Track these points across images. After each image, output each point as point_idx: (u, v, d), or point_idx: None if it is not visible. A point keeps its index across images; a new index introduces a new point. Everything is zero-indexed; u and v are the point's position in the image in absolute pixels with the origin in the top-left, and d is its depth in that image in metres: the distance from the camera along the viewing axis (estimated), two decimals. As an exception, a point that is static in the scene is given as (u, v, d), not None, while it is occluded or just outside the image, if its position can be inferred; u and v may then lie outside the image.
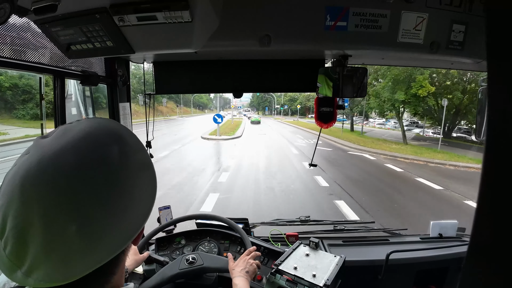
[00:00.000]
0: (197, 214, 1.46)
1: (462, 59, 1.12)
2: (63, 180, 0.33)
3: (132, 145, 0.41)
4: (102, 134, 0.39)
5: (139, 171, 0.39)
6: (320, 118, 1.37)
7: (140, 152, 0.42)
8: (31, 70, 1.00)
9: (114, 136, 0.39)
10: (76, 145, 0.36)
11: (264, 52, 1.23)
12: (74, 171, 0.34)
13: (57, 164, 0.33)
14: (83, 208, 0.33)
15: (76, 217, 0.32)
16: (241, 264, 0.98)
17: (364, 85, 1.19)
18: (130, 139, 0.42)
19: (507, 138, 0.22)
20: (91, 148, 0.36)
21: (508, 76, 0.22)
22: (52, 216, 0.32)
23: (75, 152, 0.35)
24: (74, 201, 0.33)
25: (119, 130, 0.42)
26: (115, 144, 0.38)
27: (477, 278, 0.26)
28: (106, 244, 0.34)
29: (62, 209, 0.32)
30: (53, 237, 0.32)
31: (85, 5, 0.82)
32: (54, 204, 0.32)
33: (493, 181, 0.24)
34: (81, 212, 0.33)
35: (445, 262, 1.40)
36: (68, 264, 0.32)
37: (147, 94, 1.47)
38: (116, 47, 0.95)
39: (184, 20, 0.82)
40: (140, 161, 0.41)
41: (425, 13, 0.97)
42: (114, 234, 0.34)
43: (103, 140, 0.38)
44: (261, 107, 77.06)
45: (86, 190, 0.33)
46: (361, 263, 1.37)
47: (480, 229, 0.25)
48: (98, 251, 0.33)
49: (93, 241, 0.33)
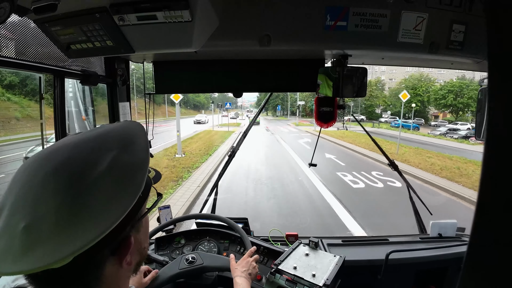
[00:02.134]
0: (197, 214, 1.46)
1: (462, 59, 1.12)
2: (41, 173, 0.34)
3: (133, 156, 0.40)
4: (115, 135, 0.41)
5: (118, 188, 0.37)
6: (320, 118, 1.38)
7: (135, 165, 0.40)
8: (31, 69, 1.00)
9: (122, 141, 0.41)
10: (81, 143, 0.38)
11: (264, 52, 1.22)
12: (51, 169, 0.35)
13: (48, 158, 0.36)
14: (37, 208, 0.32)
15: (29, 214, 0.32)
16: (244, 265, 0.98)
17: (364, 85, 1.19)
18: (138, 148, 0.42)
19: (507, 138, 0.22)
20: (89, 148, 0.38)
21: (508, 75, 0.22)
22: (16, 206, 0.33)
23: (71, 148, 0.37)
24: (35, 199, 0.33)
25: (134, 135, 0.43)
26: (116, 149, 0.39)
27: (477, 278, 0.26)
28: (42, 251, 0.31)
29: (24, 203, 0.33)
30: (5, 228, 0.32)
31: (85, 5, 0.82)
32: (22, 195, 0.33)
33: (493, 181, 0.24)
34: (34, 212, 0.32)
35: (444, 262, 1.40)
36: (3, 258, 0.31)
37: (147, 94, 1.47)
38: (116, 47, 0.94)
39: (184, 20, 0.82)
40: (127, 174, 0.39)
41: (425, 13, 0.97)
42: (52, 244, 0.32)
43: (109, 143, 0.39)
44: (271, 106, 57.13)
45: (47, 192, 0.33)
46: (361, 263, 1.37)
47: (480, 229, 0.25)
48: (32, 256, 0.31)
49: (31, 244, 0.31)
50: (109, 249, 0.39)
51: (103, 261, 0.39)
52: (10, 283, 0.48)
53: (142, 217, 0.46)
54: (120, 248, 0.40)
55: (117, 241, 0.40)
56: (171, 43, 0.94)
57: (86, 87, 1.42)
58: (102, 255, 0.38)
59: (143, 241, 0.48)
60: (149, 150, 0.44)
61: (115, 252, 0.40)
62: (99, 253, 0.37)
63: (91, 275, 0.38)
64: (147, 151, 0.43)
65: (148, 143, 0.45)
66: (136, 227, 0.44)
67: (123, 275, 0.45)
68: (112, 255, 0.40)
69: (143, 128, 0.47)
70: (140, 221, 0.46)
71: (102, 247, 0.37)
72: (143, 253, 0.49)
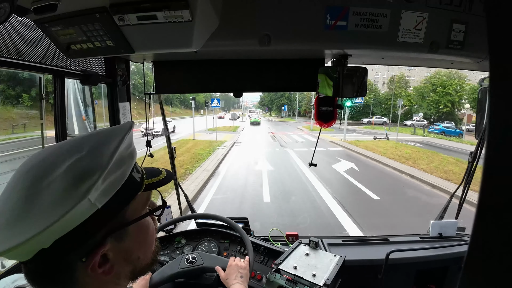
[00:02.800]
0: (197, 214, 1.46)
1: (462, 59, 1.12)
2: (17, 174, 0.39)
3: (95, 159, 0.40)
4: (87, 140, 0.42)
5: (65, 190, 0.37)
6: (320, 117, 1.38)
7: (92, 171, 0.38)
8: (31, 69, 1.00)
9: (92, 145, 0.41)
10: (61, 146, 0.42)
11: (264, 52, 1.22)
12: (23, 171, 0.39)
13: (30, 161, 0.40)
14: (5, 204, 0.37)
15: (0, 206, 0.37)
16: (233, 271, 0.97)
17: (364, 85, 1.19)
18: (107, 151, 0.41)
19: (509, 138, 0.22)
20: (58, 152, 0.41)
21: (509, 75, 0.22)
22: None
23: (48, 151, 0.41)
24: (5, 198, 0.37)
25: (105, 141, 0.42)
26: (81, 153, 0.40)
27: (477, 278, 0.26)
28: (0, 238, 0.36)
29: (1, 196, 0.38)
30: None
31: (85, 5, 0.82)
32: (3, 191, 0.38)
33: (494, 181, 0.24)
34: (2, 203, 0.37)
35: (445, 262, 1.40)
36: None
37: (147, 94, 1.47)
38: (116, 47, 0.94)
39: (184, 20, 0.82)
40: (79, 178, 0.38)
41: (425, 12, 0.97)
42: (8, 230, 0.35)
43: (78, 148, 0.41)
44: (276, 105, 52.78)
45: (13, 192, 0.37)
46: (361, 262, 1.37)
47: (481, 229, 0.25)
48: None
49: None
50: (76, 254, 0.39)
51: (71, 266, 0.39)
52: (10, 284, 0.48)
53: (127, 224, 0.43)
54: (89, 255, 0.40)
55: (87, 247, 0.39)
56: (171, 43, 0.94)
57: (86, 87, 1.42)
58: (69, 259, 0.39)
59: (134, 250, 0.46)
60: (114, 155, 0.40)
61: (85, 258, 0.39)
62: (65, 256, 0.39)
63: (63, 276, 0.40)
64: (111, 157, 0.40)
65: (118, 148, 0.41)
66: (117, 235, 0.42)
67: (108, 282, 0.43)
68: (80, 261, 0.39)
69: (126, 130, 0.44)
70: (124, 229, 0.43)
71: (67, 251, 0.38)
72: (138, 262, 0.47)
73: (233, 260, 1.03)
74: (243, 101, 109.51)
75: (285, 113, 48.39)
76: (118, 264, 0.43)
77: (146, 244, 0.48)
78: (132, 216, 0.44)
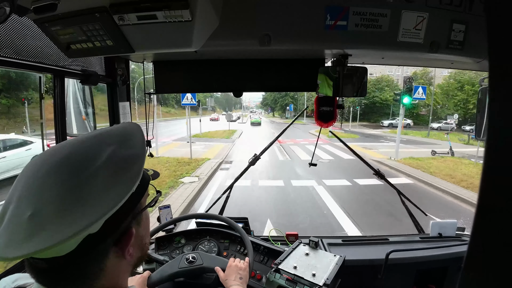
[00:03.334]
0: (197, 214, 1.46)
1: (462, 59, 1.12)
2: (44, 168, 0.38)
3: (129, 150, 0.44)
4: (114, 133, 0.45)
5: (114, 177, 0.40)
6: (320, 117, 1.38)
7: (131, 158, 0.43)
8: (31, 69, 1.00)
9: (121, 137, 0.44)
10: (82, 141, 0.42)
11: (264, 52, 1.22)
12: (54, 164, 0.38)
13: (52, 155, 0.39)
14: (41, 197, 0.36)
15: (33, 204, 0.35)
16: (232, 272, 0.97)
17: (364, 84, 1.19)
18: (135, 144, 0.45)
19: (508, 138, 0.22)
20: (89, 145, 0.41)
21: (509, 75, 0.22)
22: (21, 198, 0.36)
23: (74, 146, 0.41)
24: (39, 190, 0.36)
25: (131, 133, 0.47)
26: (114, 145, 0.42)
27: (477, 278, 0.26)
28: (45, 235, 0.34)
29: (29, 194, 0.36)
30: (12, 218, 0.35)
31: (85, 4, 0.82)
32: (27, 189, 0.37)
33: (493, 181, 0.24)
34: (38, 201, 0.36)
35: (444, 262, 1.40)
36: (9, 245, 0.34)
37: (147, 94, 1.47)
38: (116, 46, 0.94)
39: (184, 19, 0.82)
40: (123, 166, 0.42)
41: (425, 12, 0.97)
42: (54, 228, 0.35)
43: (108, 139, 0.43)
44: (280, 105, 47.55)
45: (50, 183, 0.36)
46: (361, 262, 1.37)
47: (481, 229, 0.25)
48: (36, 239, 0.34)
49: (35, 230, 0.34)
50: (112, 239, 0.41)
51: (106, 251, 0.41)
52: (10, 284, 0.48)
53: (142, 210, 0.48)
54: (122, 238, 0.43)
55: (119, 231, 0.42)
56: (171, 43, 0.94)
57: (86, 86, 1.42)
58: (105, 245, 0.41)
59: (144, 236, 0.50)
60: (145, 146, 0.47)
61: (117, 242, 0.42)
62: (102, 242, 0.40)
63: (94, 266, 0.40)
64: (143, 147, 0.46)
65: (145, 140, 0.48)
66: (137, 220, 0.46)
67: (124, 269, 0.46)
68: (115, 245, 0.42)
69: (140, 128, 0.50)
70: (141, 215, 0.48)
71: (105, 236, 0.40)
72: (144, 248, 0.51)
73: (233, 261, 1.03)
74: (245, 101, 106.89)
75: (290, 114, 42.74)
76: (135, 249, 0.47)
77: (148, 230, 0.53)
78: (143, 204, 0.49)
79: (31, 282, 0.46)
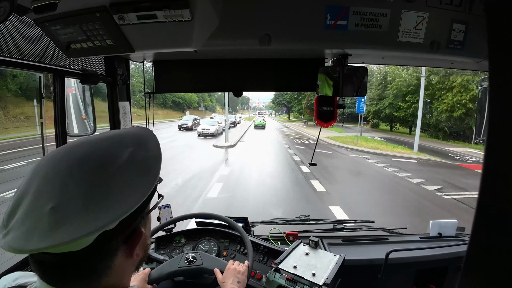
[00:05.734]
0: (197, 213, 1.46)
1: (462, 59, 1.12)
2: (65, 164, 0.38)
3: (147, 152, 0.45)
4: (129, 136, 0.45)
5: (136, 177, 0.41)
6: (320, 117, 1.38)
7: (151, 159, 0.45)
8: (31, 69, 1.00)
9: (137, 140, 0.45)
10: (98, 142, 0.42)
11: (264, 51, 1.22)
12: (75, 160, 0.39)
13: (70, 152, 0.40)
14: (65, 191, 0.36)
15: (56, 197, 0.36)
16: (230, 275, 0.97)
17: (364, 84, 1.19)
18: (151, 147, 0.47)
19: (508, 137, 0.22)
20: (108, 145, 0.42)
21: (509, 75, 0.22)
22: (41, 191, 0.37)
23: (91, 145, 0.41)
24: (61, 184, 0.37)
25: (146, 137, 0.48)
26: (132, 146, 0.43)
27: (477, 278, 0.26)
28: (69, 228, 0.35)
29: (50, 188, 0.37)
30: (30, 210, 0.36)
31: (85, 4, 0.82)
32: (47, 182, 0.37)
33: (493, 181, 0.24)
34: (62, 194, 0.36)
35: (444, 262, 1.40)
36: (29, 237, 0.34)
37: (147, 93, 1.47)
38: (116, 46, 0.94)
39: (184, 19, 0.82)
40: (144, 166, 0.43)
41: (425, 12, 0.97)
42: (79, 221, 0.35)
43: (124, 141, 0.44)
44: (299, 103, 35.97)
45: (74, 178, 0.37)
46: (361, 262, 1.37)
47: (481, 228, 0.25)
48: (60, 231, 0.35)
49: (59, 222, 0.35)
50: (123, 237, 0.42)
51: (116, 249, 0.42)
52: (11, 282, 0.48)
53: (150, 211, 0.49)
54: (132, 237, 0.44)
55: (130, 230, 0.43)
56: (171, 42, 0.94)
57: (86, 86, 1.42)
58: (116, 242, 0.41)
59: (148, 237, 0.51)
60: (161, 149, 0.48)
61: (127, 240, 0.43)
62: (113, 239, 0.41)
63: (103, 263, 0.41)
64: (159, 150, 0.48)
65: (159, 144, 0.49)
66: (144, 221, 0.48)
67: (129, 268, 0.47)
68: (124, 243, 0.43)
69: (153, 133, 0.52)
70: (148, 216, 0.49)
71: (118, 234, 0.41)
72: (146, 249, 0.52)
73: (232, 263, 1.03)
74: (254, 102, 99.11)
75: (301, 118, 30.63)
76: (140, 249, 0.47)
77: (150, 232, 0.54)
78: (151, 205, 0.49)
79: (33, 281, 0.46)
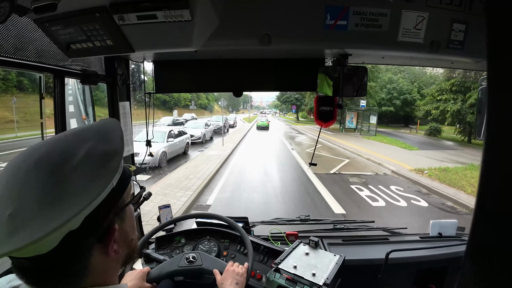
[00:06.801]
0: (197, 213, 1.46)
1: (462, 58, 1.12)
2: (24, 167, 0.38)
3: (108, 145, 0.44)
4: (92, 130, 0.45)
5: (93, 172, 0.40)
6: (320, 117, 1.37)
7: (110, 153, 0.43)
8: (31, 69, 1.00)
9: (99, 133, 0.44)
10: (60, 139, 0.42)
11: (264, 51, 1.22)
12: (32, 164, 0.38)
13: (30, 154, 0.39)
14: (22, 197, 0.36)
15: (13, 204, 0.36)
16: (229, 277, 0.97)
17: (364, 84, 1.19)
18: (113, 138, 0.45)
19: (507, 137, 0.22)
20: (68, 141, 0.42)
21: (508, 75, 0.22)
22: (1, 199, 0.36)
23: (52, 144, 0.41)
24: (19, 190, 0.36)
25: (109, 129, 0.47)
26: (92, 140, 0.42)
27: (476, 277, 0.26)
28: (27, 231, 0.34)
29: (8, 195, 0.36)
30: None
31: (85, 4, 0.82)
32: (8, 189, 0.37)
33: (492, 180, 0.24)
34: (19, 199, 0.36)
35: (444, 262, 1.40)
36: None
37: (147, 93, 1.47)
38: (116, 46, 0.94)
39: (184, 19, 0.82)
40: (102, 160, 0.42)
41: (425, 12, 0.97)
42: (36, 224, 0.35)
43: (87, 135, 0.43)
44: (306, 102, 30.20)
45: (29, 185, 0.37)
46: (361, 262, 1.37)
47: (479, 228, 0.25)
48: (19, 236, 0.34)
49: (17, 227, 0.34)
50: (95, 236, 0.42)
51: (89, 248, 0.41)
52: (5, 285, 0.49)
53: (125, 206, 0.48)
54: (105, 235, 0.43)
55: (102, 228, 0.42)
56: (171, 43, 0.94)
57: (86, 86, 1.42)
58: (88, 242, 0.41)
59: (130, 233, 0.50)
60: (123, 141, 0.47)
61: (101, 239, 0.42)
62: (85, 239, 0.40)
63: (78, 264, 0.40)
64: (121, 142, 0.46)
65: (123, 136, 0.48)
66: (120, 216, 0.47)
67: (111, 266, 0.46)
68: (98, 242, 0.42)
69: (119, 123, 0.51)
70: (124, 210, 0.48)
71: (87, 233, 0.40)
72: (131, 245, 0.51)
73: (231, 265, 1.03)
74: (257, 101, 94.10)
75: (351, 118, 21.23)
76: (120, 246, 0.47)
77: (134, 227, 0.53)
78: (126, 199, 0.49)
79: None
